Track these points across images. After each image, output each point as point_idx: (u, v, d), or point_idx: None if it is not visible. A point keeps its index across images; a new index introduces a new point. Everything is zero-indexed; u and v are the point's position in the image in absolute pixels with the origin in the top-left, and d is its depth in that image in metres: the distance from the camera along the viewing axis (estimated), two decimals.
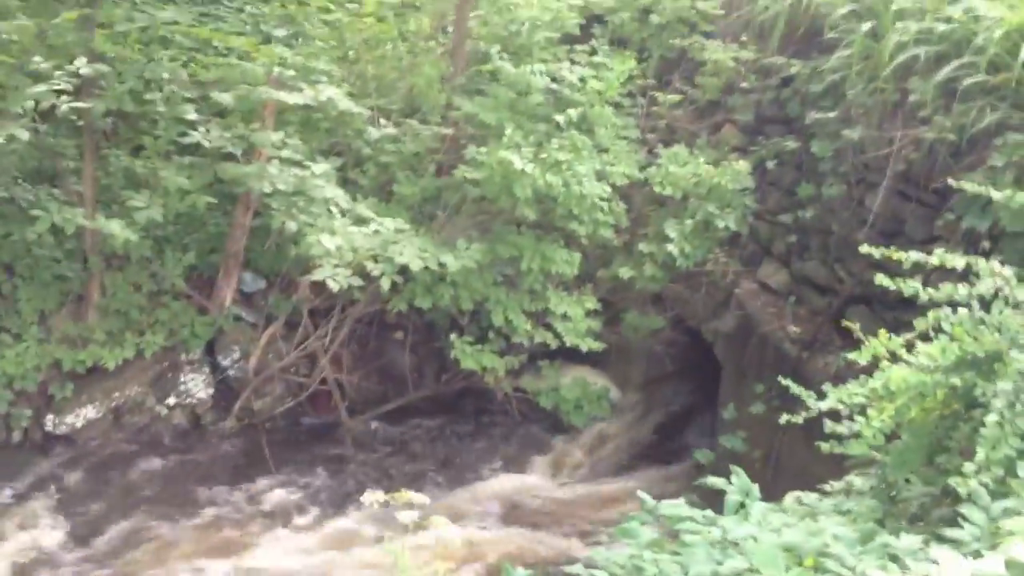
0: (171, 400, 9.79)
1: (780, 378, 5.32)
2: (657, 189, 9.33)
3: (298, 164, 8.46)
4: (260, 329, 10.04)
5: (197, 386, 9.92)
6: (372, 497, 3.32)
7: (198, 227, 9.90)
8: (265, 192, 8.23)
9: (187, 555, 8.12)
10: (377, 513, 8.60)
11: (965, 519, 3.17)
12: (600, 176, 9.13)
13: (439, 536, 7.19)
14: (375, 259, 8.27)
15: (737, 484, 3.97)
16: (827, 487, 4.85)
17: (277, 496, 9.10)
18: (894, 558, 3.21)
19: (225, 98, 8.46)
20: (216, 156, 8.95)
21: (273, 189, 8.19)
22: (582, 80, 9.53)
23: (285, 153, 8.42)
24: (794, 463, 7.97)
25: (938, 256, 4.31)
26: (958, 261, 4.27)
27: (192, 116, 8.61)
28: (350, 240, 7.92)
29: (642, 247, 9.37)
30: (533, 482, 9.59)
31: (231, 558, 8.11)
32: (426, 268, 8.38)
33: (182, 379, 9.88)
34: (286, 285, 10.16)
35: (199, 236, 9.93)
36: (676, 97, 10.61)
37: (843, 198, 8.09)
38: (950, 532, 3.15)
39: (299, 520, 8.77)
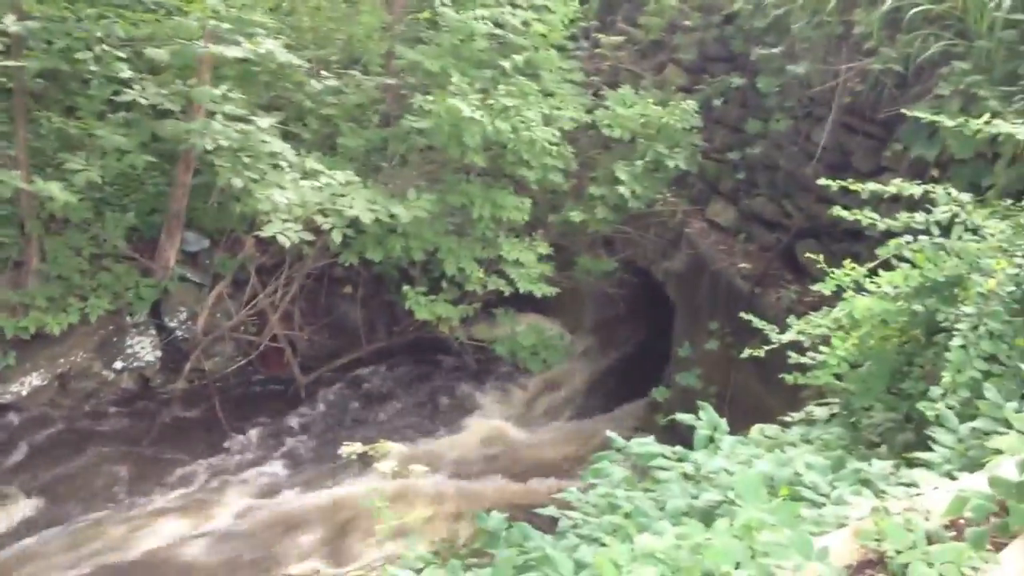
0: (118, 364, 9.60)
1: (741, 314, 5.36)
2: (605, 131, 9.28)
3: (241, 119, 8.25)
4: (206, 289, 9.87)
5: (144, 349, 9.74)
6: (349, 448, 3.26)
7: (137, 187, 9.67)
8: (208, 149, 8.02)
9: (144, 517, 8.04)
10: (336, 467, 8.62)
11: (935, 442, 3.21)
12: (548, 120, 9.06)
13: (411, 485, 7.21)
14: (324, 213, 8.13)
15: (706, 419, 3.98)
16: (787, 418, 4.91)
17: (233, 455, 9.03)
18: (866, 483, 3.25)
19: (160, 54, 8.20)
20: (152, 114, 8.71)
21: (216, 145, 7.97)
22: (525, 24, 9.40)
23: (227, 108, 8.20)
24: (748, 398, 8.08)
25: (895, 185, 4.34)
26: (915, 189, 4.30)
27: (126, 74, 8.34)
28: (300, 194, 7.76)
29: (592, 190, 9.34)
30: (493, 428, 9.63)
31: (189, 518, 8.05)
32: (377, 220, 8.26)
33: (129, 343, 9.69)
34: (231, 243, 9.98)
35: (139, 197, 9.69)
36: (619, 38, 10.54)
37: (790, 133, 8.13)
38: (921, 455, 3.20)
39: (257, 478, 8.72)
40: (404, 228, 8.82)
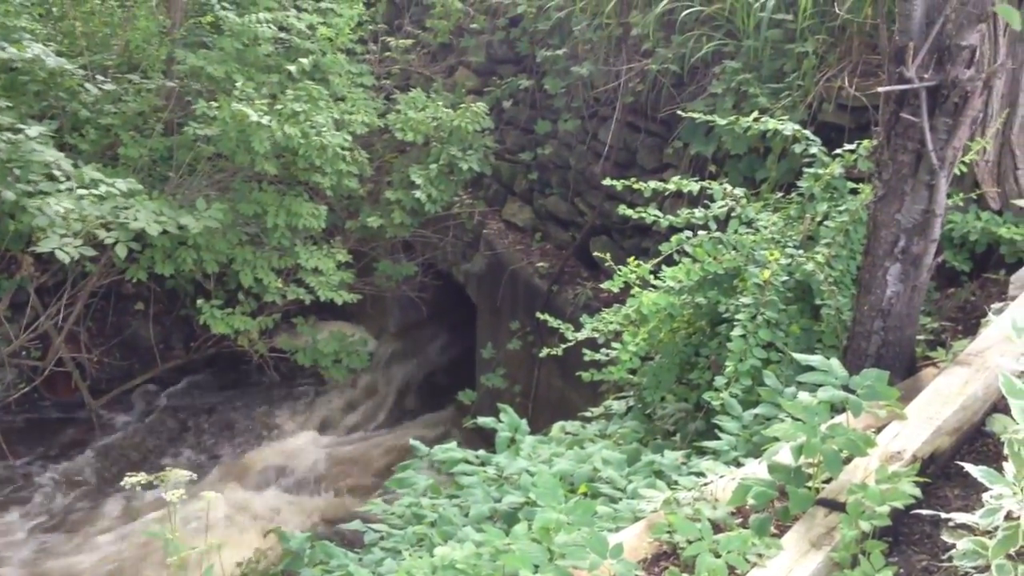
0: None
1: (537, 314, 5.45)
2: (398, 135, 9.23)
3: (8, 129, 7.71)
4: None
5: None
6: (133, 479, 3.09)
7: None
8: None
9: None
10: (134, 496, 8.22)
11: (721, 430, 3.35)
12: (339, 125, 8.92)
13: (209, 511, 6.93)
14: (107, 227, 7.70)
15: (507, 421, 4.03)
16: (588, 413, 5.04)
17: (20, 490, 8.48)
18: (660, 474, 3.36)
19: None
20: None
21: None
22: (311, 27, 9.24)
23: None
24: (552, 395, 8.24)
25: (674, 182, 4.51)
26: (693, 186, 4.48)
27: None
28: (78, 206, 7.31)
29: (388, 195, 9.28)
30: (301, 442, 9.42)
31: None
32: (165, 232, 7.90)
33: None
34: (7, 263, 9.33)
35: None
36: (408, 41, 10.51)
37: (578, 133, 8.33)
38: (709, 444, 3.33)
39: (48, 513, 8.22)
40: (195, 240, 8.48)
